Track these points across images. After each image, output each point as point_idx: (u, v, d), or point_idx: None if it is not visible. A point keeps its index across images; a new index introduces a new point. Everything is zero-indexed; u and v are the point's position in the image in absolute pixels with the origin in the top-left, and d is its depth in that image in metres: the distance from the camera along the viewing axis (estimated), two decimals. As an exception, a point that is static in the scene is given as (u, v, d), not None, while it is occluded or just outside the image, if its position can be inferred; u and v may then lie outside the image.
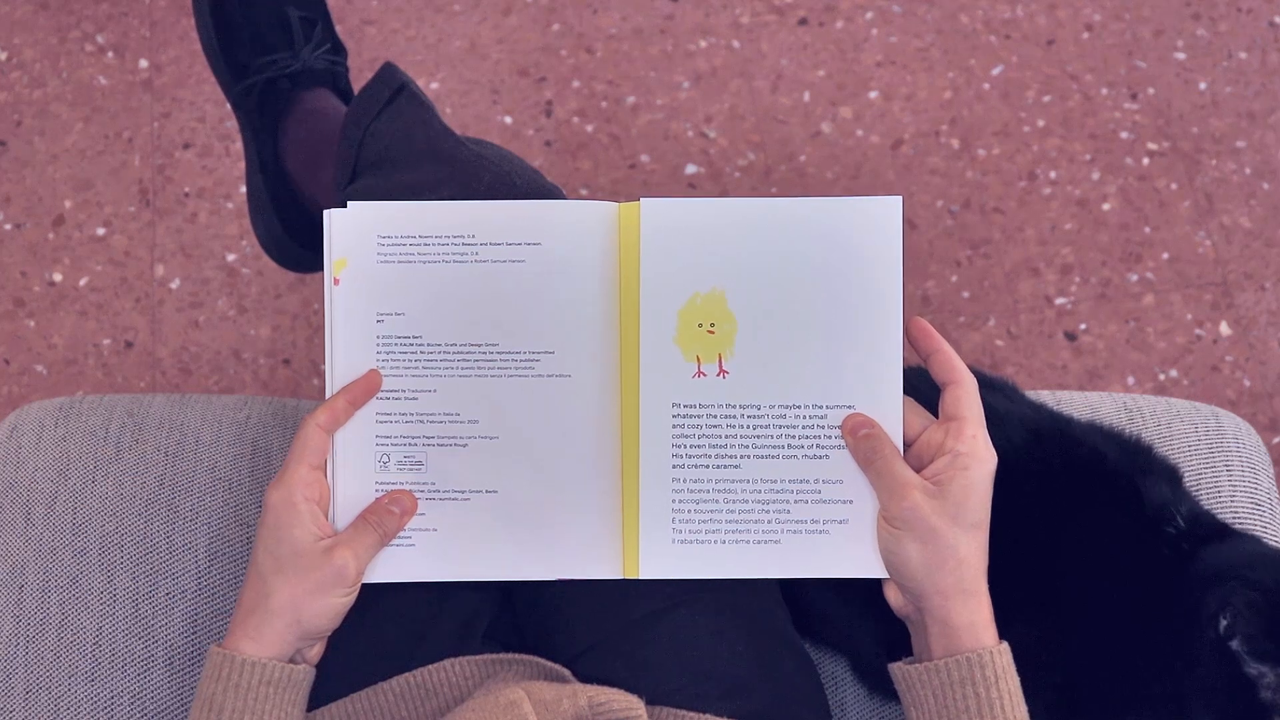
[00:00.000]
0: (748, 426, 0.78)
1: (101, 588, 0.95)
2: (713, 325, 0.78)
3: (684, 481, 0.78)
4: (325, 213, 0.80)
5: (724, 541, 0.78)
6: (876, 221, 0.78)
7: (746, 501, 0.78)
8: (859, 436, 0.77)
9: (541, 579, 0.79)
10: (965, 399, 0.76)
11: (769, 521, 0.78)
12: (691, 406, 0.78)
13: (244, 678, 0.74)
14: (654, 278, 0.79)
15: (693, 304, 0.78)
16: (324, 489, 0.77)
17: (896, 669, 0.76)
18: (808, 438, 0.78)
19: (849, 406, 0.77)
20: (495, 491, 0.79)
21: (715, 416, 0.78)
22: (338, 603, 0.75)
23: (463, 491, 0.79)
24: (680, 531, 0.78)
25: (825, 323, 0.78)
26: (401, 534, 0.78)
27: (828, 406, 0.78)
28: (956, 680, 0.73)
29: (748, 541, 0.78)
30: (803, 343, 0.78)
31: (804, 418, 0.78)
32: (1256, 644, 0.78)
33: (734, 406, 0.78)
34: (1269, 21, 1.73)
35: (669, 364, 0.78)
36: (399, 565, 0.78)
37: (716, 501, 0.78)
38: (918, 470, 0.75)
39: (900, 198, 0.78)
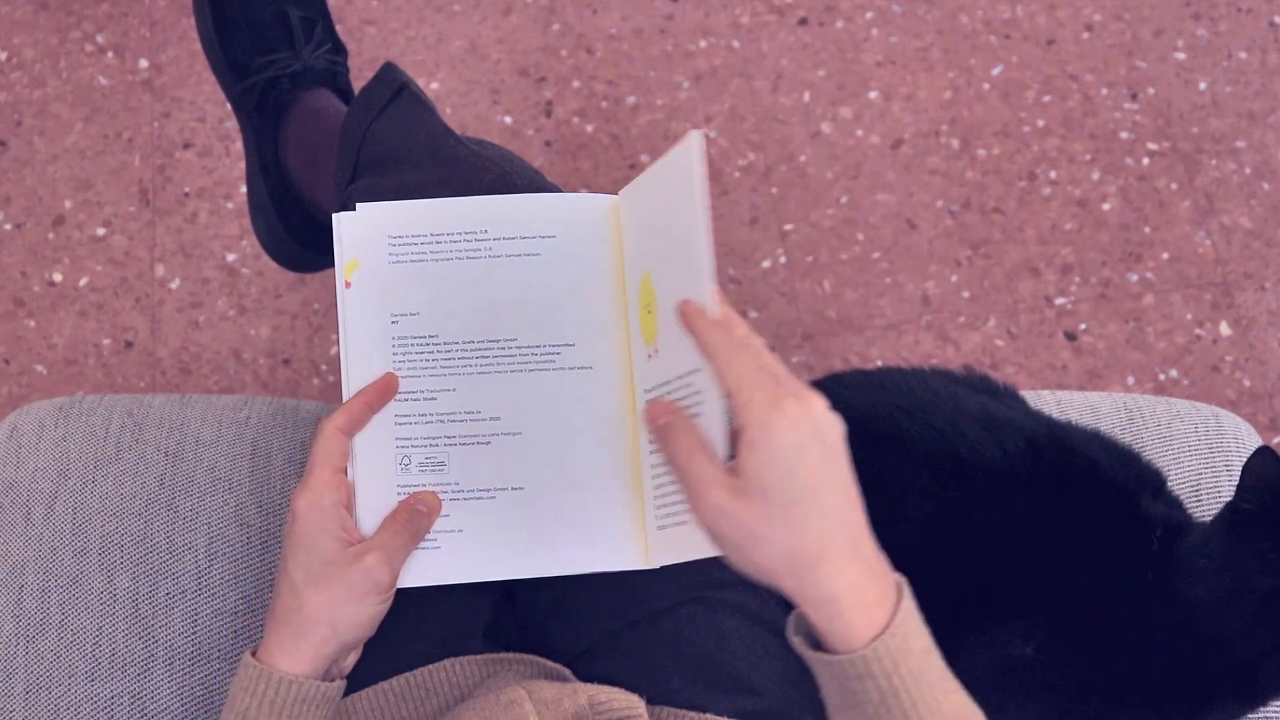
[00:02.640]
0: (684, 399, 0.71)
1: (101, 588, 0.95)
2: (649, 306, 0.76)
3: (658, 466, 0.75)
4: (335, 216, 0.79)
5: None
6: (675, 166, 0.71)
7: None
8: (658, 428, 0.67)
9: (568, 573, 0.78)
10: (720, 369, 0.64)
11: None
12: (651, 390, 0.76)
13: (279, 694, 0.73)
14: (629, 268, 0.78)
15: (644, 287, 0.77)
16: (349, 491, 0.76)
17: (797, 643, 0.66)
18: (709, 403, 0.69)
19: (698, 369, 0.69)
20: (521, 488, 0.78)
21: (663, 396, 0.74)
22: (373, 610, 0.73)
23: (488, 490, 0.77)
24: (660, 517, 0.75)
25: (679, 281, 0.71)
26: (427, 537, 0.76)
27: (694, 371, 0.70)
28: (853, 675, 0.63)
29: None
30: (671, 309, 0.71)
31: (699, 384, 0.69)
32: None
33: (668, 383, 0.73)
34: (1269, 21, 1.73)
35: (638, 351, 0.78)
36: (427, 568, 0.77)
37: None
38: None
39: (701, 132, 0.72)
